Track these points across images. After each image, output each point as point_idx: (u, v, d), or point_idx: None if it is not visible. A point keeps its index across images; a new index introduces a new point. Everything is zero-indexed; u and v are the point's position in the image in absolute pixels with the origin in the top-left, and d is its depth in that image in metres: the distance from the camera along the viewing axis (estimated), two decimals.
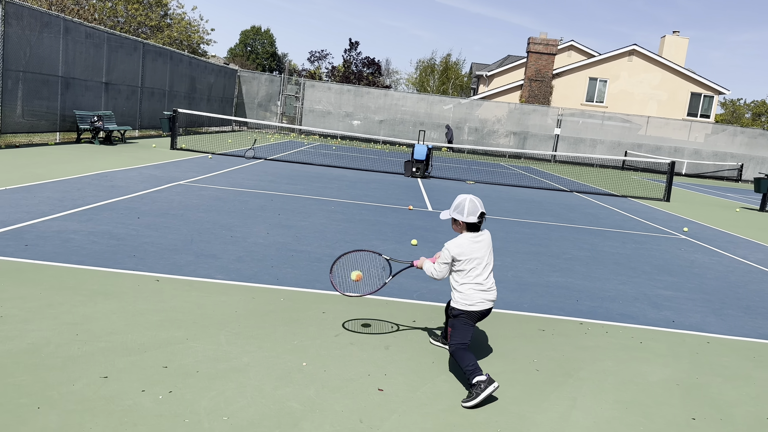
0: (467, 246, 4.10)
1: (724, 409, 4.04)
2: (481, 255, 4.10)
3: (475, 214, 4.12)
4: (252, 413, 3.34)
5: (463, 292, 4.09)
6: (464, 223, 4.13)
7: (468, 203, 4.15)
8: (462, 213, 4.13)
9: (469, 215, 4.11)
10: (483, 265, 4.10)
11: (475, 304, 4.06)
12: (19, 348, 3.83)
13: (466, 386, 3.95)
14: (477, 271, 4.08)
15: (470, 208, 4.13)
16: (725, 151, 35.92)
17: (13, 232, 6.52)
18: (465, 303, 4.07)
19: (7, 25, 14.08)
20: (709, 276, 8.12)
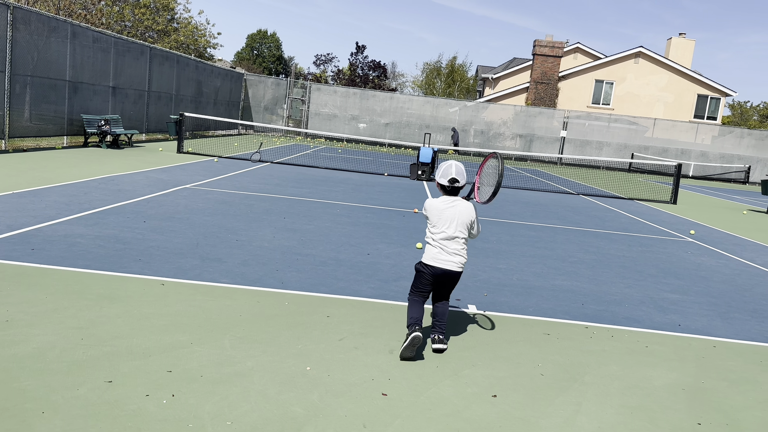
0: (436, 205, 4.45)
1: (730, 414, 4.02)
2: (447, 219, 4.39)
3: (446, 177, 4.41)
4: (255, 418, 3.35)
5: (427, 245, 4.51)
6: (438, 183, 4.47)
7: (445, 166, 4.45)
8: (437, 174, 4.48)
9: (440, 177, 4.43)
10: (450, 230, 4.38)
11: (432, 260, 4.39)
12: (24, 352, 3.85)
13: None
14: (441, 234, 4.40)
15: (444, 170, 4.43)
16: (732, 153, 35.75)
17: (20, 236, 6.56)
18: (425, 256, 4.47)
19: (15, 30, 14.19)
20: (715, 279, 8.08)
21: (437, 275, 4.42)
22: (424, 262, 4.44)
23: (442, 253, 4.40)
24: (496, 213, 12.21)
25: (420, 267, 4.48)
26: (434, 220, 4.44)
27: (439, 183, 4.48)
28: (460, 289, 6.30)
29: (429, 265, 4.42)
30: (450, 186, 4.43)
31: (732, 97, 43.18)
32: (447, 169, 4.45)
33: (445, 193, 4.46)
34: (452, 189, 4.44)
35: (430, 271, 4.41)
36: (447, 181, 4.41)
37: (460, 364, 4.38)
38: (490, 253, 8.30)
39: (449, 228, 4.40)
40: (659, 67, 37.69)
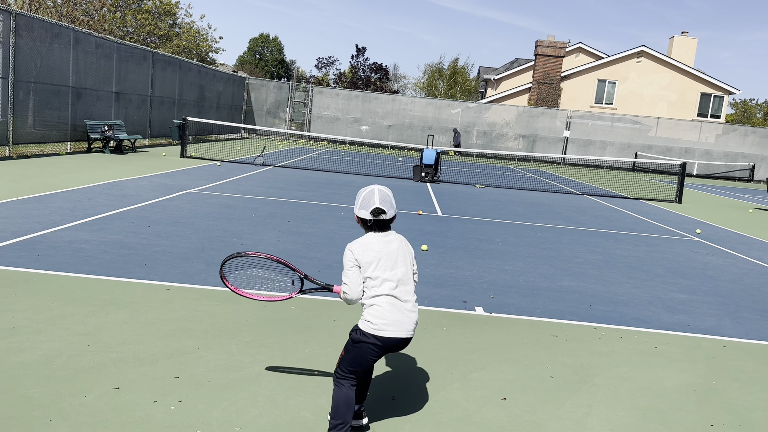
0: (368, 244, 3.16)
1: (742, 415, 3.98)
2: (390, 260, 3.15)
3: (367, 208, 3.18)
4: (264, 423, 3.32)
5: (377, 308, 3.11)
6: (358, 217, 3.26)
7: (365, 193, 3.23)
8: (356, 205, 3.26)
9: (360, 208, 3.21)
10: (397, 272, 3.15)
11: (385, 326, 3.09)
12: (31, 359, 3.83)
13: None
14: (388, 284, 3.12)
15: (365, 198, 3.21)
16: (736, 151, 35.63)
17: (25, 243, 6.55)
18: (373, 322, 3.10)
19: (18, 37, 14.22)
20: (723, 278, 8.03)
21: (390, 347, 3.16)
22: (372, 332, 3.09)
23: (396, 312, 3.11)
24: (501, 214, 12.17)
25: (362, 338, 3.13)
26: (371, 266, 3.12)
27: (359, 217, 3.23)
28: (467, 292, 6.27)
29: (381, 336, 3.09)
30: (373, 220, 3.18)
31: (735, 95, 43.09)
32: (368, 197, 3.20)
33: (368, 229, 3.23)
34: (378, 223, 3.19)
35: (381, 343, 3.11)
36: (370, 213, 3.16)
37: (469, 368, 4.35)
38: (495, 254, 8.27)
39: (395, 270, 3.14)
40: (662, 66, 37.61)
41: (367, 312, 3.14)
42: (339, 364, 3.23)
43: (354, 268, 3.13)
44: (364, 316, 3.14)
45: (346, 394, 3.17)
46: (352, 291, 3.13)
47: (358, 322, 3.18)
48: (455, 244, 8.64)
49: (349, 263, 3.14)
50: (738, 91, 38.05)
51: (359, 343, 3.14)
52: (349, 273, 3.14)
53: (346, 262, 3.15)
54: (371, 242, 3.17)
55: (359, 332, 3.15)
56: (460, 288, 6.38)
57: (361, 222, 3.25)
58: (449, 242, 8.75)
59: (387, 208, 3.18)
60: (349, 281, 3.13)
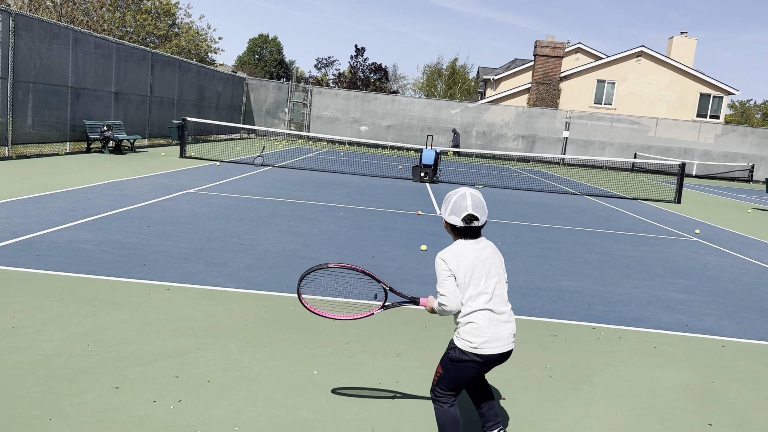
0: (463, 253, 2.98)
1: (741, 415, 3.98)
2: (484, 271, 2.97)
3: (459, 214, 3.00)
4: (263, 423, 3.33)
5: (474, 325, 2.94)
6: (447, 223, 3.09)
7: (456, 198, 3.04)
8: (446, 209, 3.08)
9: (450, 213, 3.04)
10: (490, 284, 2.97)
11: (486, 343, 2.93)
12: (31, 359, 3.83)
13: None
14: (483, 297, 2.94)
15: (456, 204, 3.02)
16: (735, 151, 35.66)
17: (25, 243, 6.55)
18: (471, 341, 2.93)
19: (17, 37, 14.22)
20: (722, 278, 8.04)
21: (491, 363, 3.00)
22: (473, 351, 2.92)
23: (494, 326, 2.93)
24: (500, 214, 12.18)
25: (461, 356, 2.96)
26: (467, 278, 2.94)
27: (449, 223, 3.06)
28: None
29: (482, 354, 2.92)
30: (465, 227, 3.01)
31: (734, 96, 43.12)
32: (459, 202, 3.01)
33: (459, 236, 3.05)
34: (469, 230, 3.02)
35: (482, 361, 2.95)
36: (462, 220, 2.99)
37: None
38: None
39: (489, 281, 2.96)
40: (661, 67, 37.64)
41: (464, 330, 2.95)
42: (437, 383, 3.07)
43: (450, 278, 2.94)
44: (461, 334, 2.97)
45: (452, 413, 3.05)
46: (452, 302, 2.92)
47: (454, 339, 3.01)
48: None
49: (445, 273, 2.94)
50: (737, 91, 38.08)
51: (459, 362, 2.98)
52: (445, 283, 2.94)
53: (440, 273, 2.96)
54: (464, 250, 2.98)
55: (458, 351, 2.97)
56: None
57: (450, 228, 3.08)
58: (449, 242, 8.74)
59: (480, 215, 3.00)
60: (448, 292, 2.92)
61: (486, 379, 3.26)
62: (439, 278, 2.98)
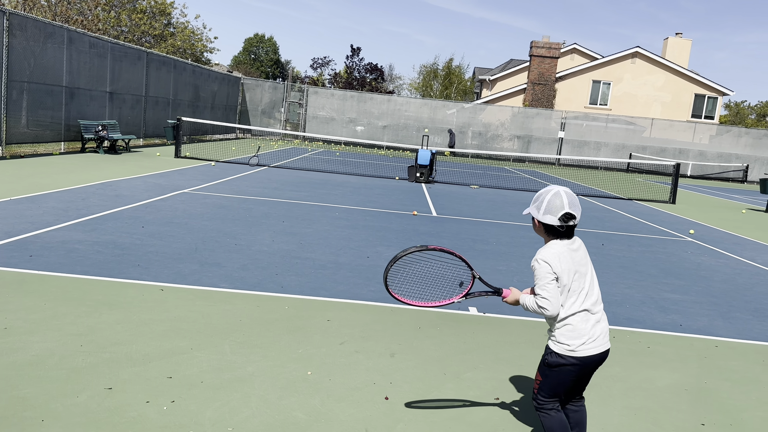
0: (563, 255, 2.92)
1: (733, 414, 4.00)
2: (584, 273, 2.96)
3: (555, 213, 2.91)
4: (257, 423, 3.32)
5: (571, 328, 2.93)
6: (540, 223, 3.00)
7: (550, 196, 2.94)
8: (539, 208, 2.98)
9: (545, 212, 2.94)
10: (586, 284, 2.95)
11: (584, 345, 2.92)
12: (23, 360, 3.82)
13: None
14: (587, 300, 2.94)
15: (551, 203, 2.93)
16: (730, 152, 35.80)
17: (18, 243, 6.53)
18: (569, 344, 2.93)
19: (11, 36, 14.17)
20: (716, 279, 8.07)
21: (591, 364, 2.99)
22: (573, 355, 2.92)
23: (590, 327, 2.93)
24: (496, 215, 12.20)
25: (559, 360, 2.95)
26: (569, 281, 2.91)
27: (544, 223, 2.96)
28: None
29: (582, 356, 2.92)
30: (564, 226, 2.94)
31: (729, 97, 43.29)
32: (554, 200, 2.93)
33: (553, 236, 2.97)
34: (568, 229, 2.96)
35: (581, 363, 2.94)
36: (558, 219, 2.92)
37: (462, 367, 4.36)
38: (490, 255, 8.28)
39: (583, 281, 2.95)
40: (656, 67, 37.75)
41: (560, 333, 2.95)
42: (538, 392, 3.06)
43: (554, 282, 2.88)
44: (557, 338, 2.96)
45: (559, 418, 3.05)
46: (554, 306, 2.88)
47: (550, 344, 3.00)
48: (450, 245, 8.65)
49: (549, 276, 2.87)
50: (732, 92, 38.23)
51: (557, 366, 2.97)
52: (549, 287, 2.87)
53: (543, 275, 2.88)
54: (562, 252, 2.91)
55: (554, 355, 2.97)
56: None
57: (543, 228, 2.98)
58: (444, 243, 8.76)
59: (577, 213, 2.93)
60: (550, 296, 2.87)
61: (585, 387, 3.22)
62: (541, 281, 2.90)
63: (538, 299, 2.91)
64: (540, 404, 3.07)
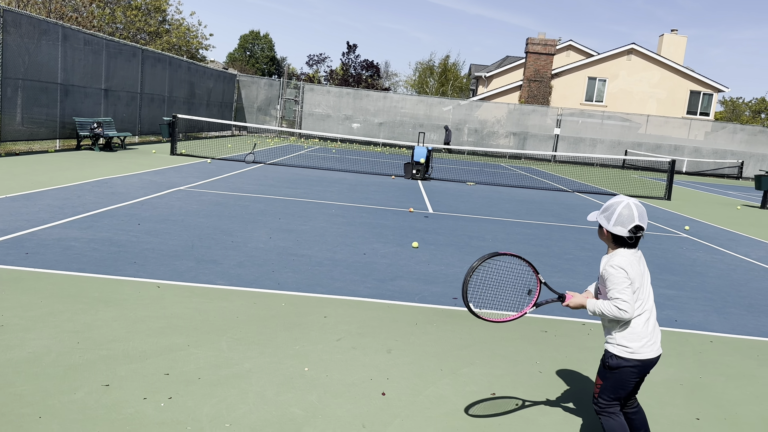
0: (634, 264, 3.05)
1: (728, 409, 4.03)
2: (647, 281, 3.11)
3: (626, 225, 3.02)
4: (254, 420, 3.33)
5: (631, 330, 3.05)
6: (609, 233, 3.08)
7: (621, 208, 3.05)
8: (609, 219, 3.08)
9: (616, 224, 3.04)
10: (648, 292, 3.10)
11: (645, 348, 3.05)
12: (19, 357, 3.82)
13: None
14: (647, 305, 3.08)
15: (622, 214, 3.04)
16: (725, 148, 35.91)
17: (14, 241, 6.51)
18: (629, 347, 3.05)
19: (5, 33, 14.11)
20: (711, 274, 8.11)
21: (650, 367, 3.11)
22: (634, 357, 3.04)
23: (649, 330, 3.08)
24: (492, 211, 12.22)
25: (624, 363, 3.06)
26: (635, 287, 3.04)
27: (614, 234, 3.06)
28: (457, 288, 6.30)
29: (644, 359, 3.05)
30: (635, 237, 3.04)
31: (724, 93, 43.42)
32: (626, 213, 3.04)
33: (619, 244, 3.08)
34: (636, 240, 3.07)
35: (642, 365, 3.06)
36: (628, 231, 3.03)
37: (458, 363, 4.38)
38: (486, 251, 8.30)
39: (645, 288, 3.10)
40: (652, 64, 37.82)
41: (621, 336, 3.06)
42: (600, 395, 3.16)
43: (630, 287, 3.00)
44: (617, 340, 3.07)
45: (621, 422, 3.14)
46: (632, 309, 3.00)
47: (609, 347, 3.10)
48: (446, 241, 8.67)
49: (626, 281, 3.00)
50: (727, 89, 38.32)
51: (618, 369, 3.08)
52: (627, 291, 2.99)
53: (622, 281, 2.99)
54: (632, 260, 3.05)
55: (615, 358, 3.07)
56: (450, 285, 6.41)
57: (611, 237, 3.09)
58: (440, 239, 8.77)
59: (645, 225, 3.07)
60: (629, 299, 2.99)
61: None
62: (618, 286, 3.00)
63: (618, 303, 3.00)
64: (602, 407, 3.16)
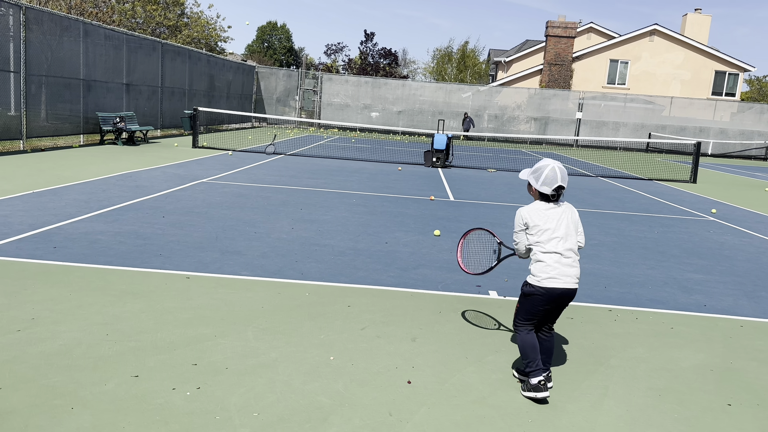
0: (537, 208, 3.75)
1: (760, 394, 3.95)
2: (555, 221, 3.71)
3: (551, 185, 3.69)
4: (282, 408, 3.35)
5: (539, 265, 3.71)
6: (536, 191, 3.76)
7: (548, 171, 3.71)
8: (537, 179, 3.74)
9: (543, 184, 3.71)
10: (559, 232, 3.69)
11: (548, 279, 3.66)
12: (51, 349, 3.89)
13: (518, 373, 3.92)
14: (552, 242, 3.68)
15: (548, 176, 3.69)
16: (752, 129, 35.15)
17: (42, 235, 6.62)
18: (537, 276, 3.69)
19: (28, 31, 14.29)
20: (739, 258, 7.95)
21: (554, 298, 3.70)
22: (538, 285, 3.69)
23: (559, 266, 3.67)
24: (514, 198, 12.12)
25: (530, 290, 3.73)
26: (540, 226, 3.71)
27: (540, 191, 3.74)
28: (480, 276, 6.25)
29: (545, 287, 3.66)
30: (556, 194, 3.73)
31: (750, 72, 42.43)
32: (550, 174, 3.70)
33: (542, 199, 3.78)
34: (557, 198, 3.76)
35: (545, 294, 3.68)
36: (552, 190, 3.70)
37: (484, 351, 4.36)
38: (509, 238, 8.22)
39: (558, 230, 3.71)
40: (675, 45, 37.07)
41: (533, 267, 3.75)
42: (516, 315, 3.86)
43: (522, 230, 3.82)
44: (531, 271, 3.74)
45: (530, 338, 3.77)
46: (522, 247, 3.85)
47: (527, 277, 3.76)
48: (467, 229, 8.62)
49: (520, 226, 3.82)
50: (753, 68, 37.44)
51: (530, 295, 3.75)
52: (519, 233, 3.86)
53: (516, 224, 3.85)
54: (536, 207, 3.76)
55: (527, 285, 3.77)
56: None
57: (537, 193, 3.79)
58: (462, 227, 8.73)
59: (566, 185, 3.74)
60: (519, 239, 3.86)
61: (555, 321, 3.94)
62: (515, 228, 3.88)
63: (513, 239, 3.93)
64: (517, 325, 3.86)
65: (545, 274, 3.67)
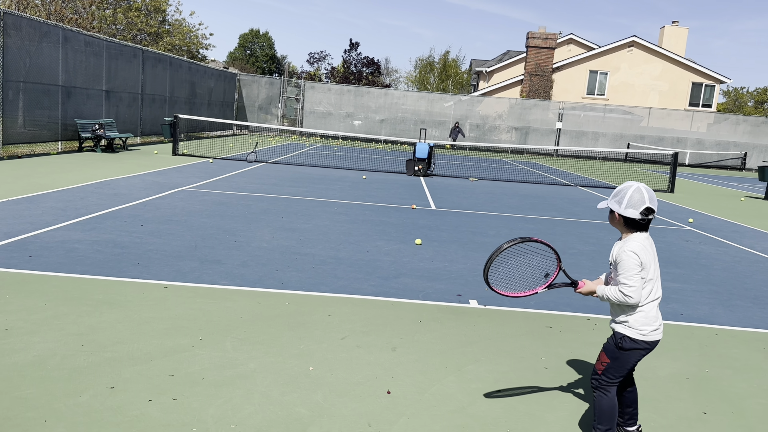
0: (647, 248, 3.13)
1: (735, 402, 4.01)
2: (655, 265, 3.17)
3: (637, 207, 3.10)
4: (260, 420, 3.33)
5: (645, 315, 3.14)
6: (621, 217, 3.17)
7: (632, 191, 3.13)
8: (620, 202, 3.16)
9: (627, 206, 3.12)
10: (656, 278, 3.17)
11: (653, 331, 3.15)
12: (24, 360, 3.82)
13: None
14: (657, 290, 3.17)
15: (632, 197, 3.11)
16: (728, 140, 35.78)
17: (17, 244, 6.52)
18: (642, 330, 3.14)
19: (6, 36, 14.11)
20: (716, 267, 8.07)
21: (652, 349, 3.23)
22: (643, 339, 3.14)
23: (656, 313, 3.18)
24: (495, 207, 12.19)
25: (632, 345, 3.17)
26: (648, 272, 3.12)
27: (624, 216, 3.15)
28: (461, 285, 6.28)
29: (651, 341, 3.16)
30: (647, 219, 3.13)
31: (726, 84, 43.23)
32: (635, 195, 3.12)
33: (631, 227, 3.16)
34: (647, 223, 3.16)
35: (649, 349, 3.19)
36: (640, 213, 3.11)
37: (464, 360, 4.37)
38: (489, 247, 8.28)
39: (656, 272, 3.18)
40: (653, 56, 37.66)
41: (634, 319, 3.14)
42: (604, 372, 3.26)
43: (640, 273, 3.08)
44: (631, 324, 3.15)
45: (614, 400, 3.28)
46: (639, 295, 3.09)
47: (621, 329, 3.19)
48: (449, 238, 8.66)
49: (637, 267, 3.07)
50: (729, 80, 38.14)
51: (630, 350, 3.18)
52: (636, 277, 3.07)
53: (632, 266, 3.06)
54: (645, 244, 3.12)
55: (628, 340, 3.16)
56: (454, 281, 6.40)
57: (623, 221, 3.16)
58: (443, 236, 8.76)
59: (655, 207, 3.14)
60: (637, 285, 3.08)
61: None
62: (629, 272, 3.08)
63: (624, 288, 3.09)
64: (602, 384, 3.27)
65: (650, 327, 3.14)
